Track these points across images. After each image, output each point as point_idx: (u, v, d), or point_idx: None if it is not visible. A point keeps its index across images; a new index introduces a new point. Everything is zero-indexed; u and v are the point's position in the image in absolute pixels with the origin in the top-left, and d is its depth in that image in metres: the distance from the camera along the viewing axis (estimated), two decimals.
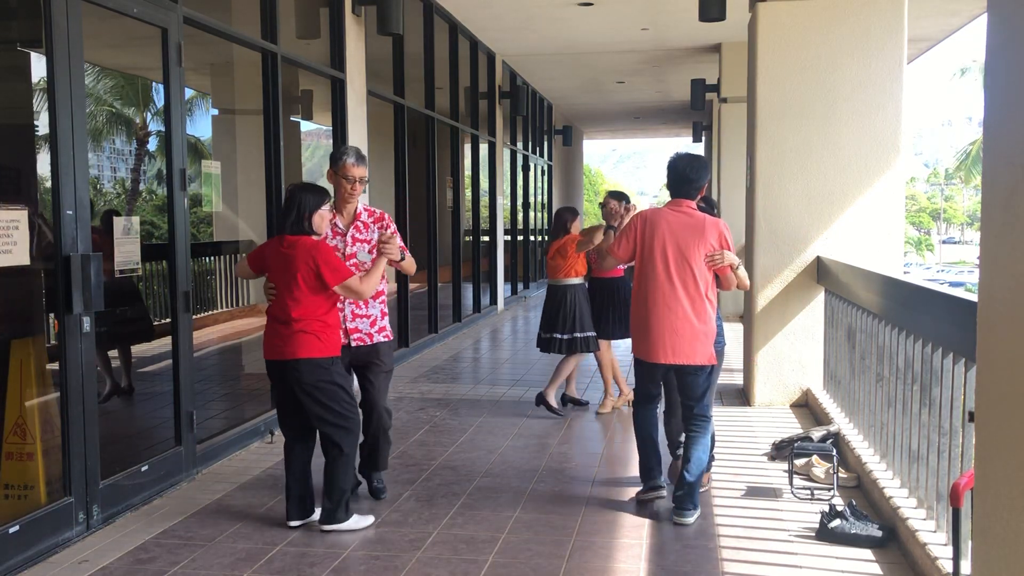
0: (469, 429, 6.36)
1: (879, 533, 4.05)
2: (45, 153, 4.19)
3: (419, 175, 10.31)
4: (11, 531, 3.84)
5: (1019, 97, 1.78)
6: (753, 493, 4.85)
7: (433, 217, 10.54)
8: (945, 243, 70.14)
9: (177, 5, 5.03)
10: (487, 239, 13.79)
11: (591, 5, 9.97)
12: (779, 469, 5.26)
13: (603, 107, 20.06)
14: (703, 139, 20.34)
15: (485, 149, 13.69)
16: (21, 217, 3.95)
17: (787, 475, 4.96)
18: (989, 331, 1.94)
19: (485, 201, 13.83)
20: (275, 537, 4.24)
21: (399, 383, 7.94)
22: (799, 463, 5.07)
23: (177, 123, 5.07)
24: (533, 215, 18.03)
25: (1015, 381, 1.80)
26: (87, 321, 4.20)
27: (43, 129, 4.26)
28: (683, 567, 3.88)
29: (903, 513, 4.05)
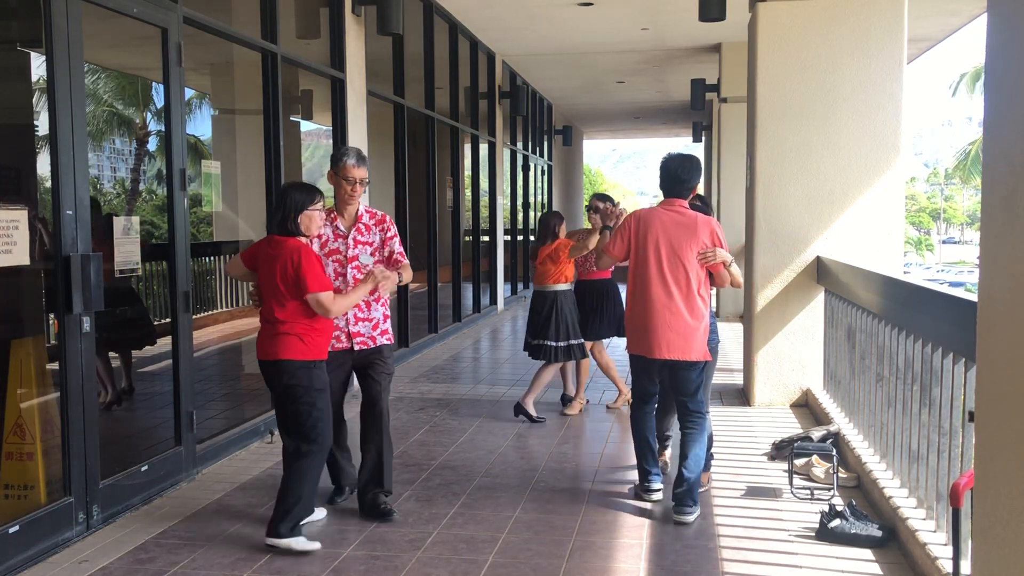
0: (469, 429, 6.36)
1: (879, 533, 4.06)
2: (45, 153, 4.19)
3: (419, 175, 10.31)
4: (11, 531, 3.84)
5: (1019, 97, 1.78)
6: (753, 493, 4.85)
7: (433, 217, 10.54)
8: (945, 243, 70.18)
9: (177, 5, 5.03)
10: (487, 239, 13.78)
11: (591, 5, 9.97)
12: (779, 469, 5.26)
13: (603, 107, 20.06)
14: (703, 139, 20.34)
15: (485, 149, 13.69)
16: (21, 217, 3.95)
17: (787, 475, 4.96)
18: (989, 331, 1.94)
19: (485, 201, 13.83)
20: None
21: (399, 383, 7.94)
22: (799, 463, 5.08)
23: (177, 123, 5.07)
24: (533, 215, 18.01)
25: (1015, 381, 1.80)
26: (87, 321, 4.20)
27: (43, 129, 4.26)
28: (683, 567, 3.88)
29: (903, 513, 4.05)
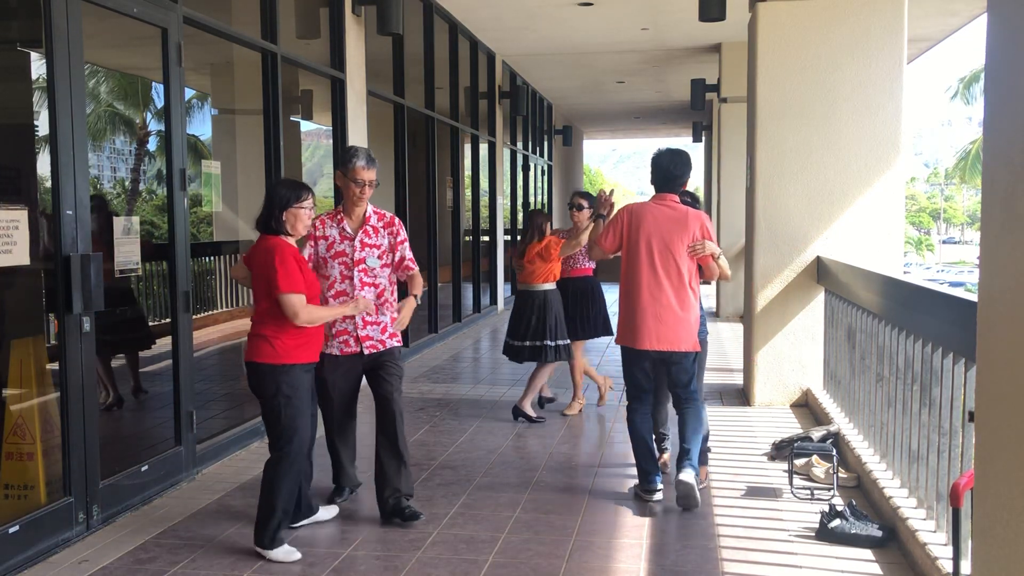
0: (469, 429, 6.36)
1: (879, 533, 4.06)
2: (45, 153, 4.19)
3: (419, 175, 10.31)
4: (11, 531, 3.84)
5: (1019, 97, 1.78)
6: (753, 493, 4.85)
7: (433, 217, 10.54)
8: (945, 243, 70.15)
9: (177, 5, 5.03)
10: (487, 239, 13.78)
11: (591, 5, 9.97)
12: (779, 469, 5.26)
13: (603, 107, 20.06)
14: (703, 139, 20.34)
15: (485, 149, 13.69)
16: (21, 217, 3.95)
17: (787, 475, 4.96)
18: (989, 331, 1.94)
19: (485, 201, 13.82)
20: None
21: None
22: (799, 463, 5.08)
23: (177, 123, 5.07)
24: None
25: (1015, 381, 1.80)
26: (87, 321, 4.20)
27: (43, 129, 4.26)
28: (683, 567, 3.88)
29: (903, 513, 4.05)
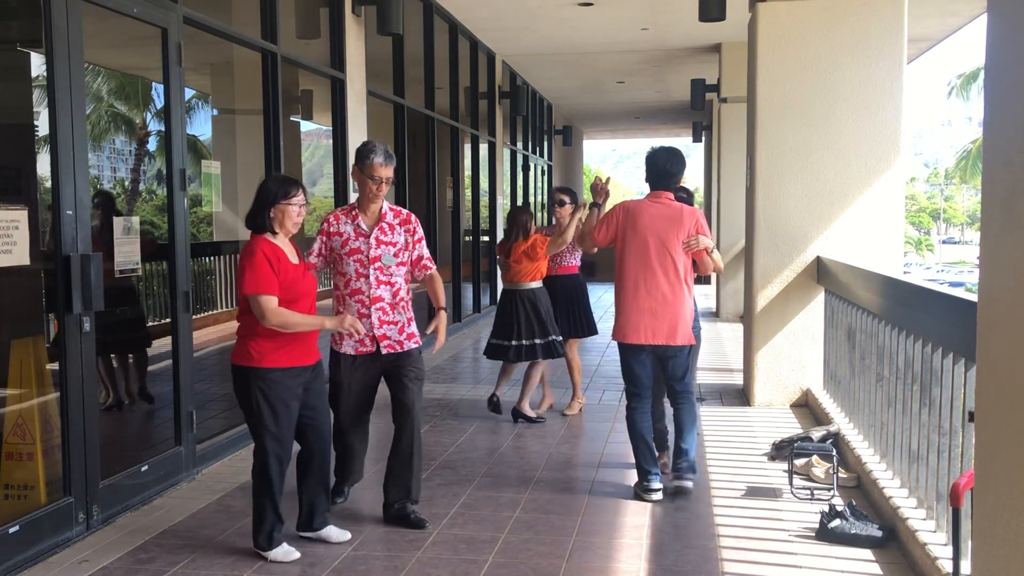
0: (469, 429, 6.36)
1: (879, 533, 4.05)
2: (45, 153, 4.19)
3: (419, 175, 10.31)
4: (11, 531, 3.84)
5: (1019, 97, 1.78)
6: (753, 493, 4.85)
7: (433, 217, 10.54)
8: (945, 243, 70.15)
9: (177, 5, 5.03)
10: (487, 239, 13.78)
11: (591, 5, 9.97)
12: (779, 469, 5.26)
13: (603, 107, 20.06)
14: (703, 139, 20.34)
15: (485, 149, 13.69)
16: (21, 217, 3.95)
17: (787, 475, 4.96)
18: (989, 331, 1.94)
19: (485, 201, 13.82)
20: None
21: None
22: (799, 463, 5.08)
23: (177, 123, 5.07)
24: (533, 215, 18.03)
25: (1015, 381, 1.80)
26: (87, 321, 4.20)
27: (43, 129, 4.26)
28: (683, 567, 3.88)
29: (903, 513, 4.05)
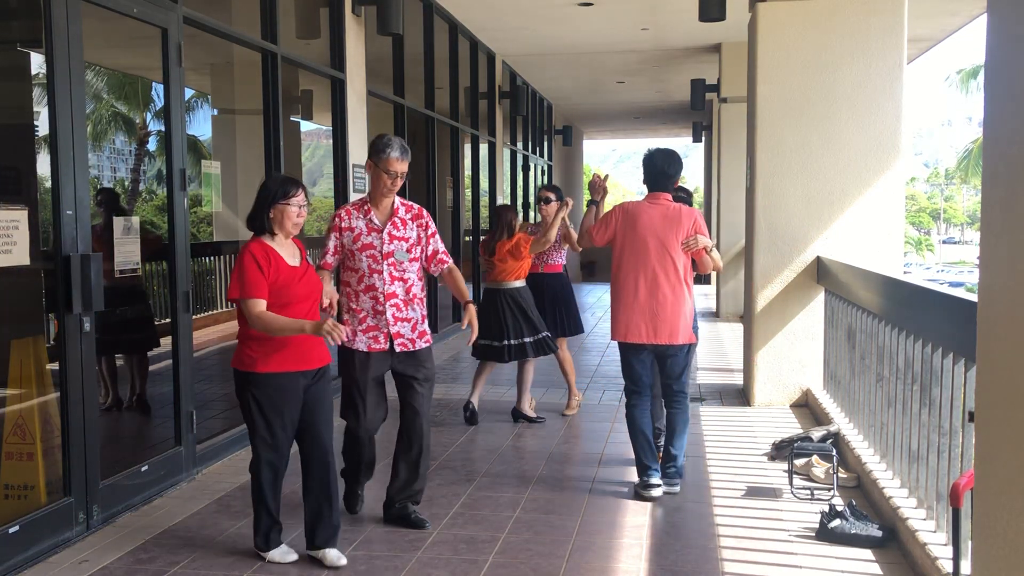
0: (469, 429, 6.36)
1: (879, 533, 4.05)
2: (45, 153, 4.19)
3: (419, 175, 10.30)
4: (11, 531, 3.84)
5: (1019, 97, 1.78)
6: (753, 493, 4.85)
7: (433, 217, 10.51)
8: (945, 243, 70.16)
9: (177, 5, 5.03)
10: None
11: (591, 5, 9.97)
12: (779, 469, 5.26)
13: (603, 107, 20.05)
14: (703, 139, 20.34)
15: (485, 149, 13.69)
16: (21, 217, 3.95)
17: (787, 475, 4.96)
18: (989, 331, 1.94)
19: (485, 201, 13.82)
20: None
21: None
22: (799, 463, 5.08)
23: (177, 123, 5.07)
24: (533, 215, 18.01)
25: (1015, 381, 1.80)
26: (87, 321, 4.20)
27: (43, 129, 4.26)
28: (683, 567, 3.88)
29: (903, 513, 4.05)
